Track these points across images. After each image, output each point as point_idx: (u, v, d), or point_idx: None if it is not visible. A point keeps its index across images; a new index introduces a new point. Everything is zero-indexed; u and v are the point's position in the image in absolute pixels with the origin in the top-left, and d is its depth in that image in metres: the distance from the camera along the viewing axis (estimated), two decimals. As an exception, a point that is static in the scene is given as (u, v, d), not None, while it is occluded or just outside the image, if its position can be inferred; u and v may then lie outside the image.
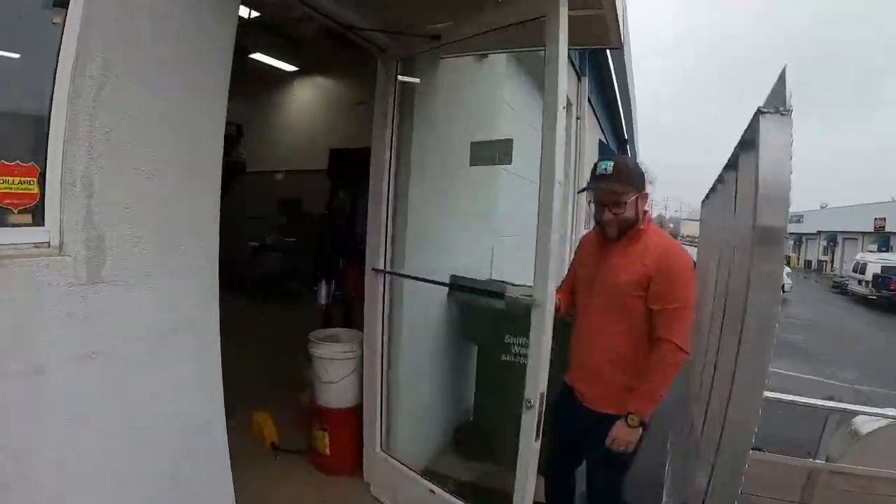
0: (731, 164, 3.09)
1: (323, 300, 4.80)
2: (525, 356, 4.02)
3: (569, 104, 10.26)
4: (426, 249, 3.82)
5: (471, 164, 3.47)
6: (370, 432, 3.71)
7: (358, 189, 4.45)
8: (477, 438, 4.29)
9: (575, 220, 10.32)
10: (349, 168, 4.22)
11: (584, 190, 2.68)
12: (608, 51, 10.80)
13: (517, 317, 3.97)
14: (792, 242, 52.31)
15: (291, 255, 9.57)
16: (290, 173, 11.63)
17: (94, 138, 1.77)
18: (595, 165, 2.61)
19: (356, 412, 3.83)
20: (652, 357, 2.43)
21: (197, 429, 2.35)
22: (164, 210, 2.07)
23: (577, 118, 10.75)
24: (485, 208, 4.91)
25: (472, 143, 3.48)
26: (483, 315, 4.16)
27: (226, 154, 7.45)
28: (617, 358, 2.57)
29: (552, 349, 2.47)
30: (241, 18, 7.50)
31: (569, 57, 8.98)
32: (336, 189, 4.78)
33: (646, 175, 2.79)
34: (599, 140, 14.04)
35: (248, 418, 4.35)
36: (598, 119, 13.49)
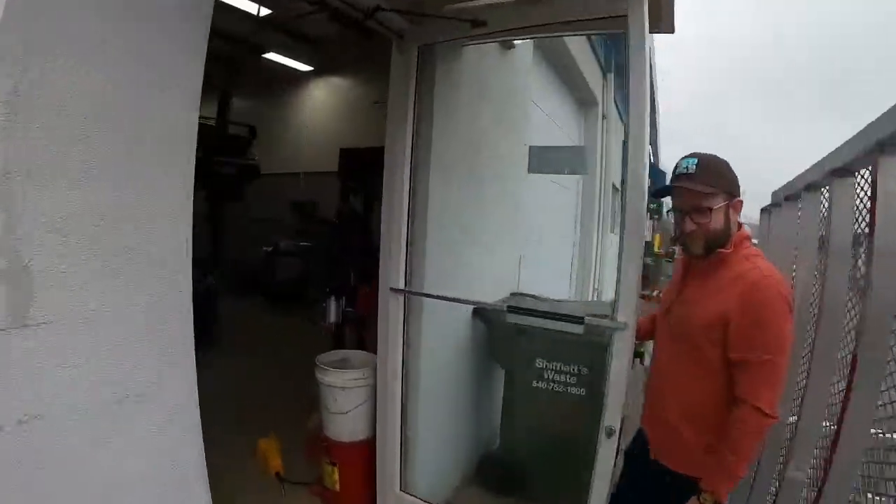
0: (815, 186, 2.56)
1: (332, 318, 4.32)
2: (559, 382, 3.61)
3: (593, 102, 9.75)
4: (449, 263, 3.36)
5: (529, 171, 3.04)
6: (386, 470, 3.25)
7: (371, 192, 3.99)
8: (504, 469, 3.87)
9: (601, 228, 9.80)
10: (362, 169, 3.76)
11: (659, 193, 2.18)
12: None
13: (552, 339, 3.53)
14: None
15: (307, 261, 9.17)
16: (305, 175, 11.27)
17: (14, 136, 1.32)
18: (676, 164, 2.12)
19: (369, 445, 3.37)
20: (731, 422, 1.89)
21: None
22: (115, 230, 1.60)
23: (603, 117, 10.22)
24: (512, 215, 4.43)
25: (531, 148, 3.04)
26: (512, 336, 3.69)
27: (239, 156, 7.12)
28: (692, 415, 2.05)
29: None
30: (252, 16, 7.21)
31: (592, 49, 8.48)
32: (347, 193, 4.28)
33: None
34: (623, 142, 13.46)
35: (253, 443, 3.92)
36: (621, 119, 12.94)
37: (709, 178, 1.98)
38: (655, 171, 13.96)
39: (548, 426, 3.66)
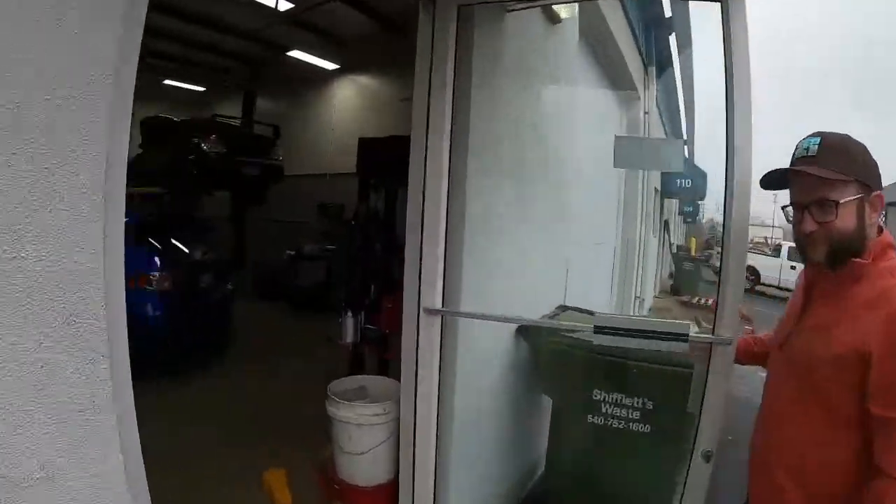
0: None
1: (349, 338, 3.54)
2: (618, 418, 2.98)
3: (636, 96, 9.06)
4: (488, 272, 2.76)
5: (615, 166, 2.47)
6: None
7: (394, 190, 3.40)
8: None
9: (643, 233, 9.10)
10: (384, 164, 3.18)
11: (772, 181, 1.57)
12: (674, 35, 9.50)
13: (612, 366, 2.92)
14: None
15: (332, 265, 8.65)
16: (331, 177, 10.82)
17: None
18: (796, 146, 1.51)
19: (391, 490, 2.78)
20: (865, 499, 1.32)
21: None
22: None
23: (646, 113, 9.51)
24: (558, 215, 3.81)
25: (618, 138, 2.47)
26: (563, 361, 3.06)
27: (262, 156, 6.64)
28: (800, 473, 1.48)
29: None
30: (276, 14, 6.74)
31: (634, 39, 7.81)
32: (366, 191, 3.66)
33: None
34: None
35: (259, 475, 3.40)
36: (660, 115, 12.19)
37: (836, 162, 1.42)
38: (692, 171, 13.13)
39: (604, 469, 3.03)
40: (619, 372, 2.95)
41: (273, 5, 7.91)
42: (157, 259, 5.28)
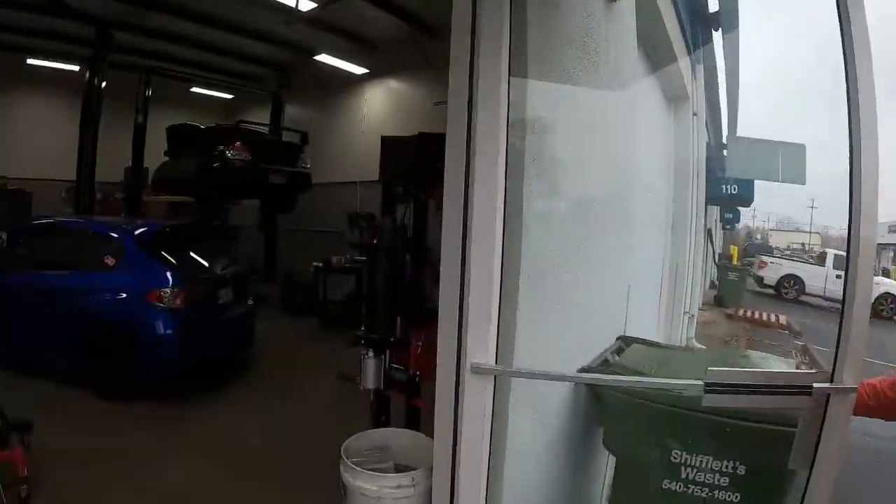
0: None
1: (370, 382, 2.81)
2: (702, 485, 2.37)
3: (684, 96, 8.34)
4: (544, 305, 2.17)
5: (728, 174, 1.89)
6: None
7: (425, 201, 2.70)
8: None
9: (693, 248, 8.35)
10: (413, 168, 2.53)
11: None
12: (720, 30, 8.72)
13: (695, 422, 2.31)
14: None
15: (361, 279, 8.10)
16: (361, 185, 10.36)
17: None
18: None
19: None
20: None
21: None
22: None
23: (694, 114, 8.78)
24: (618, 230, 3.19)
25: (732, 139, 1.87)
26: (635, 414, 2.43)
27: (289, 164, 6.13)
28: None
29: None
30: (297, 11, 6.27)
31: (682, 33, 7.07)
32: (392, 202, 2.90)
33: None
34: (707, 142, 11.90)
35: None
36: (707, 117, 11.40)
37: None
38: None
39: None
40: (703, 429, 2.33)
41: (294, 5, 7.46)
42: (169, 274, 4.83)
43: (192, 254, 5.63)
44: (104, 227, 5.58)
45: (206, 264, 5.59)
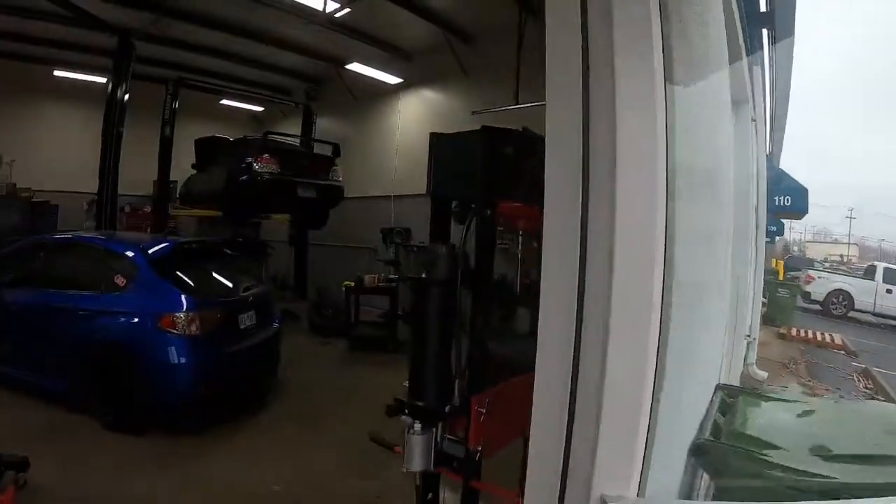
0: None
1: (416, 464, 1.96)
2: None
3: (744, 99, 7.56)
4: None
5: None
6: None
7: (493, 222, 1.96)
8: None
9: (756, 266, 7.54)
10: (477, 176, 1.83)
11: None
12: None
13: None
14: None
15: (399, 299, 7.44)
16: (396, 199, 9.82)
17: None
18: None
19: None
20: None
21: None
22: None
23: (753, 120, 7.97)
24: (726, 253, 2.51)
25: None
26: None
27: (321, 177, 5.54)
28: None
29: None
30: (327, 15, 5.68)
31: (742, 31, 6.28)
32: (444, 222, 2.09)
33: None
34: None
35: None
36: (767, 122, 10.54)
37: None
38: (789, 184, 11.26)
39: None
40: None
41: (321, 8, 6.96)
42: (183, 297, 4.28)
43: (212, 273, 5.10)
44: (114, 243, 5.10)
45: (227, 284, 5.04)
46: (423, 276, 1.87)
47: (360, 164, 9.91)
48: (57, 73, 9.41)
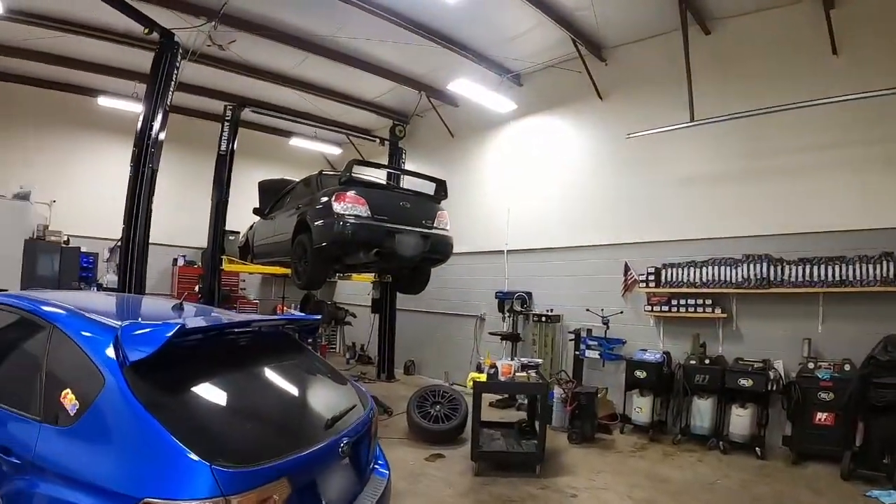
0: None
1: None
2: None
3: None
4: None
5: None
6: None
7: None
8: None
9: None
10: None
11: None
12: None
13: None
14: None
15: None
16: (510, 253, 7.02)
17: None
18: None
19: None
20: None
21: None
22: None
23: None
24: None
25: None
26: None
27: (424, 224, 2.79)
28: None
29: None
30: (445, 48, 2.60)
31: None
32: None
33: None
34: None
35: None
36: None
37: None
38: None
39: None
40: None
41: None
42: (204, 468, 1.51)
43: (262, 390, 2.26)
44: (64, 315, 2.12)
45: (301, 422, 2.21)
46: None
47: (461, 212, 7.00)
48: (101, 101, 7.32)
